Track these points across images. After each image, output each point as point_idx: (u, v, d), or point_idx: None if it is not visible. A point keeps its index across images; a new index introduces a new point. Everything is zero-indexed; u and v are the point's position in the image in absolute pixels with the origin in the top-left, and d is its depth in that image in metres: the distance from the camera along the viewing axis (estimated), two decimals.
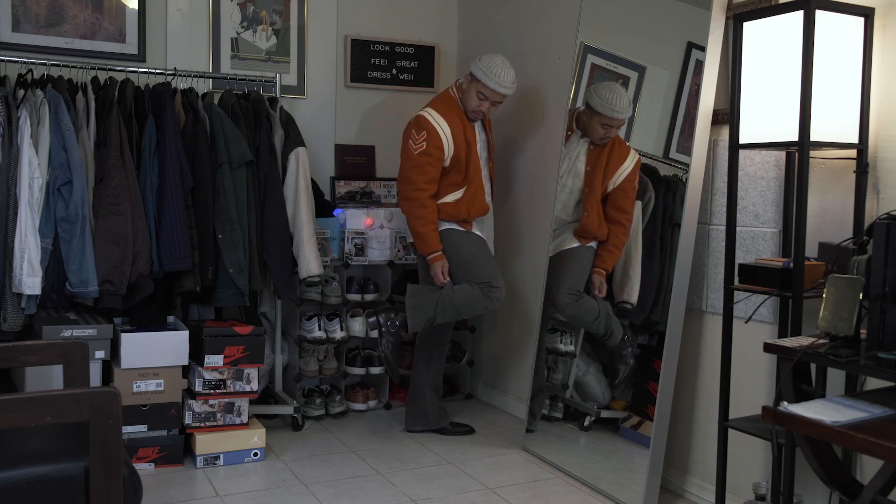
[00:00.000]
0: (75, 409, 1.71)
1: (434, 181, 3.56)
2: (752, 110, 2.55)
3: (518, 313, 4.17)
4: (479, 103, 3.54)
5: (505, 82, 3.51)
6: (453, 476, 3.33)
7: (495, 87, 3.49)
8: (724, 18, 2.90)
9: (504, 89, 3.52)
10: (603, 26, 3.54)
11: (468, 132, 3.61)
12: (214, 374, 3.40)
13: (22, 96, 3.26)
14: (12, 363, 2.28)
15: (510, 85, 3.53)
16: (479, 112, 3.57)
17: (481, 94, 3.53)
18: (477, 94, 3.53)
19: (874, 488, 2.01)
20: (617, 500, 3.08)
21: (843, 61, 2.43)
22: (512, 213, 4.18)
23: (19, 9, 3.66)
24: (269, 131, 3.66)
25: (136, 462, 3.27)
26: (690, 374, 3.11)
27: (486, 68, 3.49)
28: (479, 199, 3.65)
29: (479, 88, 3.52)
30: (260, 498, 3.08)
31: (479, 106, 3.55)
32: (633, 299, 3.26)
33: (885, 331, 1.93)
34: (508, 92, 3.55)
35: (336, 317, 4.05)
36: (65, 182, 3.17)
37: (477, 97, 3.53)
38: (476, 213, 3.66)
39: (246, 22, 4.15)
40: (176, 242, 3.33)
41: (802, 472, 2.50)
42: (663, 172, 3.19)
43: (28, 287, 3.10)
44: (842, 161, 2.55)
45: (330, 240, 4.05)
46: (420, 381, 3.79)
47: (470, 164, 3.60)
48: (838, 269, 2.20)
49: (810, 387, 2.21)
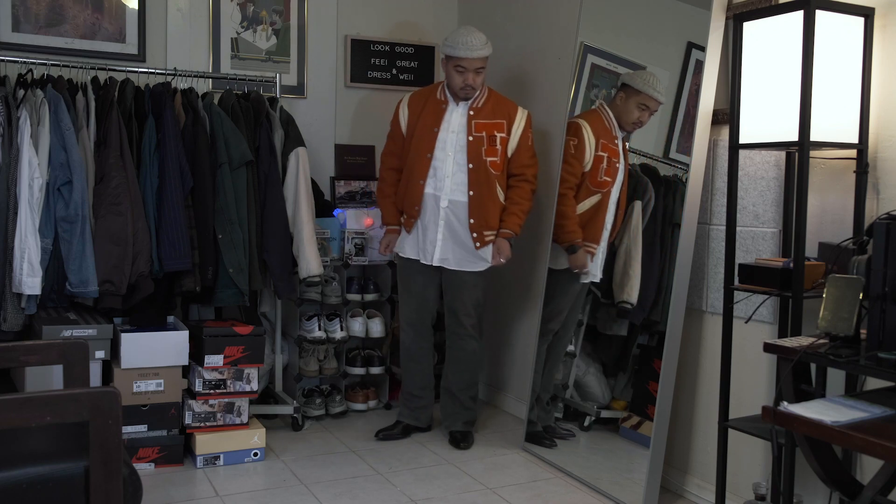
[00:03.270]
0: (75, 409, 1.71)
1: (391, 154, 3.69)
2: (752, 110, 2.55)
3: (518, 313, 4.17)
4: (460, 78, 3.47)
5: (474, 45, 3.43)
6: (453, 476, 3.33)
7: (466, 54, 3.42)
8: (724, 18, 2.90)
9: (476, 52, 3.43)
10: (603, 26, 3.54)
11: (428, 111, 3.54)
12: (214, 374, 3.40)
13: (22, 96, 3.26)
14: (12, 363, 2.28)
15: (481, 46, 3.44)
16: (466, 87, 3.47)
17: (459, 68, 3.45)
18: (454, 69, 3.47)
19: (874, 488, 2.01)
20: (617, 500, 3.08)
21: (843, 61, 2.43)
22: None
23: (19, 9, 3.66)
24: (269, 131, 3.66)
25: (136, 462, 3.27)
26: (690, 374, 3.11)
27: (452, 41, 3.45)
28: (411, 186, 3.54)
29: (454, 64, 3.46)
30: (260, 498, 3.08)
31: (463, 80, 3.46)
32: (633, 299, 3.26)
33: (885, 331, 1.93)
34: (482, 53, 3.44)
35: (336, 317, 4.05)
36: (65, 182, 3.17)
37: (455, 72, 3.47)
38: (407, 205, 3.58)
39: (246, 22, 4.15)
40: (176, 242, 3.32)
41: (802, 472, 2.50)
42: (663, 172, 3.19)
43: (28, 287, 3.10)
44: (842, 161, 2.55)
45: (330, 240, 4.05)
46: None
47: (412, 142, 3.55)
48: (838, 269, 2.20)
49: (810, 387, 2.21)
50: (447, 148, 3.50)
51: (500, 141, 3.51)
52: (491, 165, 3.49)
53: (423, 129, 3.54)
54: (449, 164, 3.50)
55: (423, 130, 3.54)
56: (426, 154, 3.52)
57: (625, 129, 3.30)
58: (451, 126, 3.52)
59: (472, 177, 3.48)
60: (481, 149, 3.48)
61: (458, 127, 3.52)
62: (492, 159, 3.49)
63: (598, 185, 3.31)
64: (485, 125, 3.51)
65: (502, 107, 3.56)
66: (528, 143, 3.56)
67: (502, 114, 3.54)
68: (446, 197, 3.51)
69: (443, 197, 3.51)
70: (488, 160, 3.49)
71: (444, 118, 3.53)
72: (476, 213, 3.49)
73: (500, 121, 3.53)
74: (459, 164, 3.50)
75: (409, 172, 3.57)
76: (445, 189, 3.50)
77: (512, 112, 3.55)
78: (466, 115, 3.52)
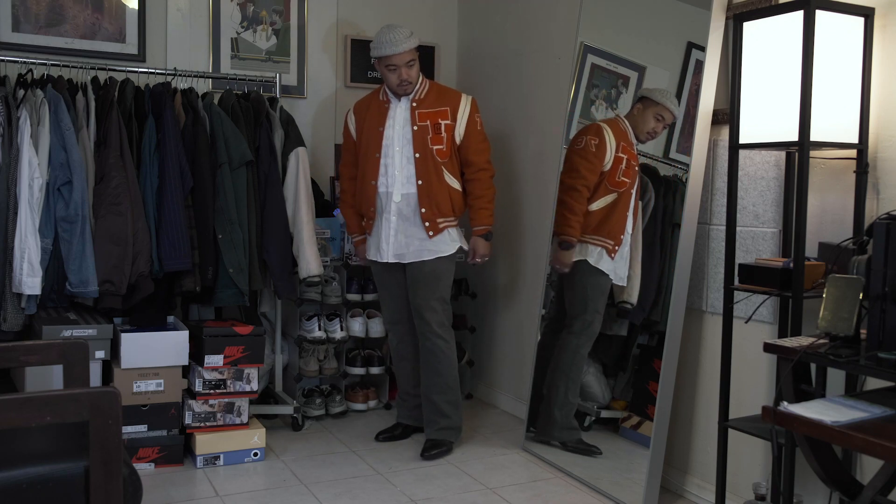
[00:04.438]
0: (75, 409, 1.71)
1: (346, 164, 3.71)
2: (752, 110, 2.55)
3: (518, 313, 4.17)
4: (394, 76, 3.45)
5: (397, 40, 3.41)
6: (453, 476, 3.33)
7: (391, 51, 3.41)
8: (724, 18, 2.90)
9: (401, 46, 3.41)
10: (603, 26, 3.54)
11: (372, 113, 3.55)
12: (214, 374, 3.40)
13: (22, 96, 3.26)
14: (12, 363, 2.28)
15: (405, 39, 3.43)
16: (402, 84, 3.45)
17: (390, 66, 3.45)
18: (387, 69, 3.47)
19: (874, 488, 2.01)
20: (617, 500, 3.07)
21: (843, 61, 2.43)
22: (512, 212, 4.17)
23: (19, 9, 3.66)
24: (269, 131, 3.66)
25: (136, 462, 3.27)
26: (690, 374, 3.11)
27: (377, 42, 3.46)
28: (364, 187, 3.54)
29: (384, 64, 3.46)
30: (260, 498, 3.08)
31: (398, 77, 3.45)
32: (633, 299, 3.26)
33: (885, 331, 1.93)
34: (407, 46, 3.41)
35: (336, 317, 4.05)
36: (65, 182, 3.17)
37: (388, 71, 3.46)
38: (364, 207, 3.58)
39: (246, 22, 4.15)
40: (176, 242, 3.32)
41: (802, 472, 2.50)
42: (663, 172, 3.19)
43: (28, 287, 3.10)
44: (842, 161, 2.55)
45: (330, 240, 4.05)
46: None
47: (362, 146, 3.57)
48: (838, 269, 2.20)
49: (810, 387, 2.21)
50: (395, 143, 3.49)
51: (446, 128, 3.47)
52: (437, 153, 3.45)
53: (370, 131, 3.54)
54: (398, 158, 3.48)
55: (369, 132, 3.55)
56: (375, 154, 3.51)
57: (639, 139, 3.29)
58: (395, 122, 3.51)
59: (419, 166, 3.45)
60: (427, 137, 3.45)
61: (403, 121, 3.50)
62: (437, 147, 3.46)
63: (616, 184, 3.30)
64: (428, 114, 3.48)
65: (444, 96, 3.54)
66: (476, 127, 3.52)
67: (445, 101, 3.51)
68: (398, 192, 3.48)
69: (395, 192, 3.48)
70: (434, 148, 3.45)
71: (389, 115, 3.52)
72: (426, 201, 3.45)
73: (443, 108, 3.49)
74: (407, 156, 3.48)
75: (362, 175, 3.57)
76: (397, 184, 3.48)
77: (455, 99, 3.52)
78: (409, 107, 3.50)
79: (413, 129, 3.47)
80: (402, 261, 3.53)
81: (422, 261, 3.50)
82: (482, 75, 4.46)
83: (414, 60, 3.47)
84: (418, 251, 3.50)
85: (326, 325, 4.02)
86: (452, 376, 3.59)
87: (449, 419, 3.59)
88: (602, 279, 3.36)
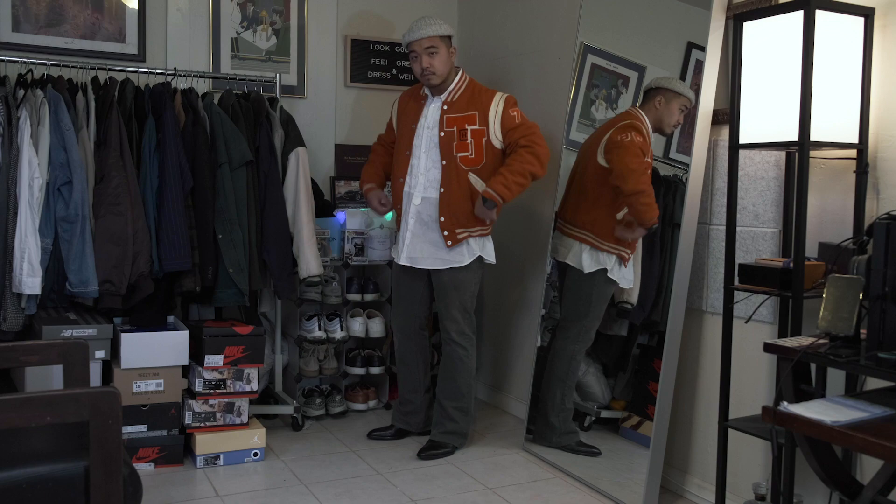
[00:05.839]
0: (75, 409, 1.71)
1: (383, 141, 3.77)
2: (752, 110, 2.55)
3: (518, 313, 4.17)
4: (416, 65, 3.46)
5: (418, 27, 3.43)
6: (453, 476, 3.33)
7: (410, 38, 3.44)
8: (724, 18, 2.90)
9: (418, 32, 3.42)
10: (603, 26, 3.54)
11: (410, 108, 3.57)
12: (214, 374, 3.40)
13: (22, 96, 3.26)
14: (12, 363, 2.28)
15: (425, 26, 3.43)
16: (425, 73, 3.44)
17: (413, 54, 3.46)
18: (410, 57, 3.49)
19: (874, 488, 2.01)
20: (617, 500, 3.07)
21: (843, 61, 2.43)
22: (512, 212, 4.17)
23: (19, 9, 3.66)
24: (269, 131, 3.66)
25: (136, 462, 3.27)
26: (690, 374, 3.11)
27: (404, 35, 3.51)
28: (395, 184, 3.56)
29: (409, 52, 3.48)
30: (260, 498, 3.08)
31: (420, 65, 3.44)
32: (633, 299, 3.26)
33: (885, 331, 1.93)
34: (425, 33, 3.41)
35: (336, 317, 4.05)
36: (65, 182, 3.17)
37: (412, 59, 3.49)
38: (394, 199, 3.59)
39: (246, 22, 4.15)
40: (176, 242, 3.32)
41: (802, 472, 2.50)
42: (663, 172, 3.19)
43: (28, 287, 3.10)
44: (842, 161, 2.55)
45: (330, 240, 4.05)
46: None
47: (397, 140, 3.60)
48: (838, 269, 2.20)
49: (810, 387, 2.21)
50: (423, 144, 3.46)
51: (473, 134, 3.40)
52: (462, 161, 3.38)
53: (405, 127, 3.56)
54: (424, 161, 3.45)
55: (404, 128, 3.56)
56: (405, 151, 3.51)
57: (663, 133, 3.19)
58: (427, 122, 3.48)
59: (444, 174, 3.39)
60: (452, 144, 3.40)
61: (433, 122, 3.46)
62: (462, 154, 3.39)
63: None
64: (456, 119, 3.42)
65: (476, 98, 3.45)
66: (514, 121, 3.38)
67: (475, 105, 3.43)
68: (419, 194, 3.45)
69: (416, 194, 3.46)
70: (458, 156, 3.38)
71: (422, 113, 3.51)
72: (446, 210, 3.39)
73: (471, 113, 3.42)
74: (434, 160, 3.43)
75: (394, 171, 3.59)
76: (419, 186, 3.45)
77: (486, 102, 3.42)
78: (440, 109, 3.46)
79: (440, 136, 3.43)
80: (415, 265, 3.49)
81: (438, 269, 3.48)
82: (482, 75, 4.45)
83: (435, 48, 3.41)
84: (431, 259, 3.46)
85: (326, 325, 4.02)
86: (466, 384, 3.57)
87: (456, 424, 3.58)
88: (611, 288, 3.34)
